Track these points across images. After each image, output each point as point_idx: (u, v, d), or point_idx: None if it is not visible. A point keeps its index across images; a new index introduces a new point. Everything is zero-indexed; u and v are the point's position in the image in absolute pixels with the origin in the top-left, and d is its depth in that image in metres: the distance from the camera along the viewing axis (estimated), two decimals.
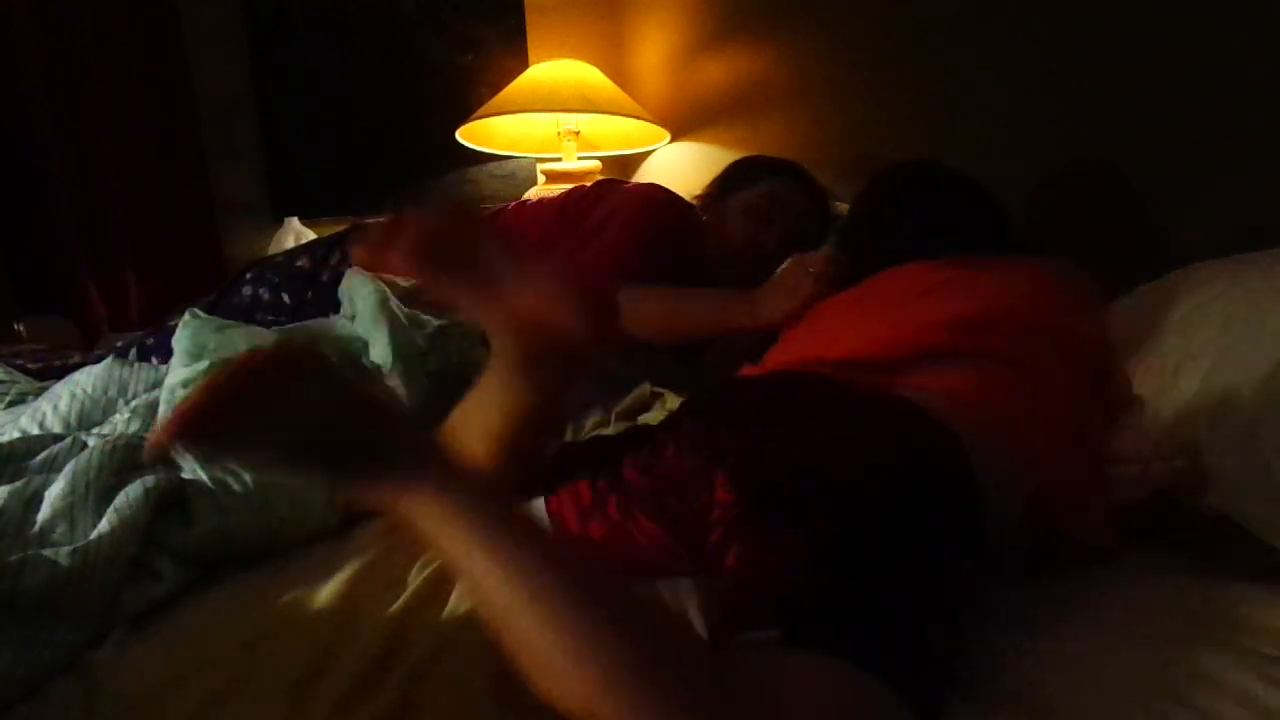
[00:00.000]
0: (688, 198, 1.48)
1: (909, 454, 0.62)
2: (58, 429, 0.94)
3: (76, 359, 1.33)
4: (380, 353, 1.02)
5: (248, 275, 1.41)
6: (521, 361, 0.64)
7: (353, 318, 1.12)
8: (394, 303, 1.09)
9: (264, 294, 1.35)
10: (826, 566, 0.54)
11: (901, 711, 0.48)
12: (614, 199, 1.41)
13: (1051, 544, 0.69)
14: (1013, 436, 0.70)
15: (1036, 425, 0.73)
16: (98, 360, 1.27)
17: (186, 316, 1.18)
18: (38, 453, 0.84)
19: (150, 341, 1.29)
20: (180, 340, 1.07)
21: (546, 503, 0.74)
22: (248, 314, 1.33)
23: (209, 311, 1.33)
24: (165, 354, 1.23)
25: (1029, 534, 0.68)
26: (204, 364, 0.93)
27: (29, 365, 1.28)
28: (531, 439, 0.73)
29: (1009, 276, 0.93)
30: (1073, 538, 0.68)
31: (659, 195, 1.43)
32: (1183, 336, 0.75)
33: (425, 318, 1.09)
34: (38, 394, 1.10)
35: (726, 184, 1.46)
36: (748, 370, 0.98)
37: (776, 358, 1.01)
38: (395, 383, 1.00)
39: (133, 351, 1.29)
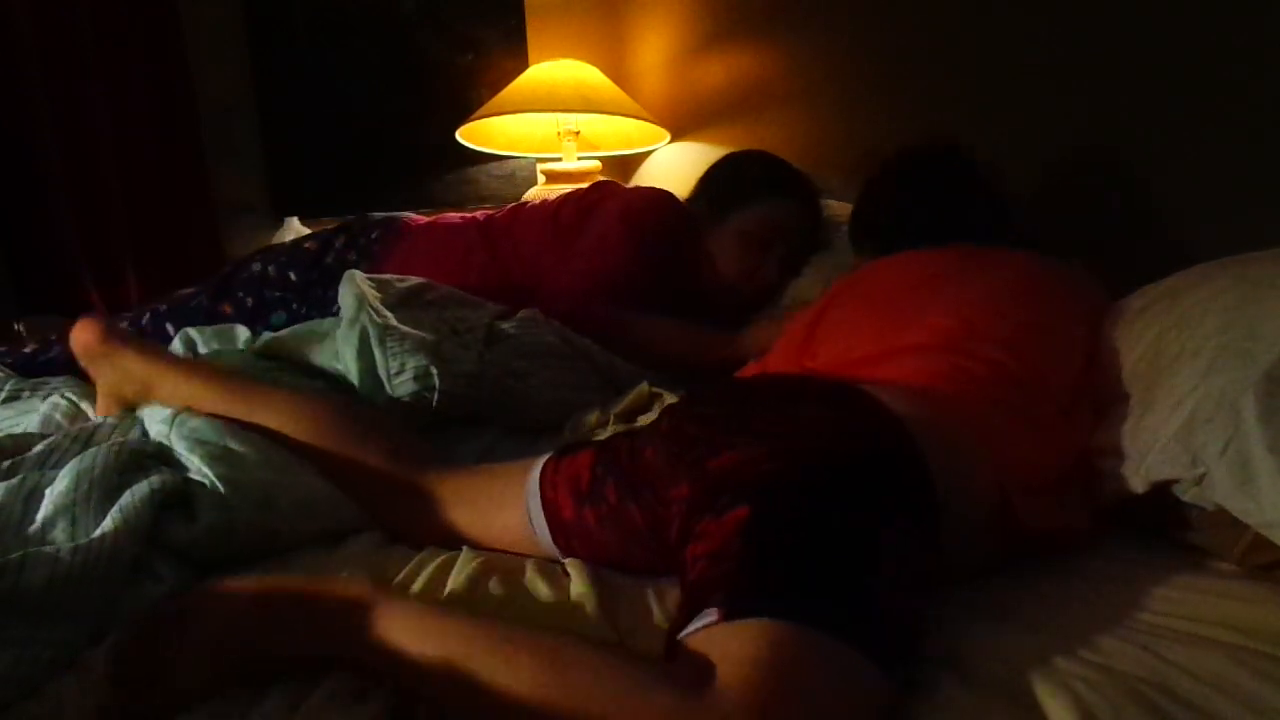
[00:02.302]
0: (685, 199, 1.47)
1: (851, 438, 0.63)
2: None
3: (57, 350, 1.31)
4: (349, 370, 1.02)
5: (255, 256, 1.43)
6: None
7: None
8: (368, 315, 1.04)
9: (271, 270, 1.37)
10: (764, 540, 0.55)
11: (856, 660, 0.49)
12: (608, 208, 1.40)
13: (1020, 533, 0.69)
14: (975, 426, 0.71)
15: (1007, 416, 0.73)
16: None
17: (178, 337, 1.19)
18: (27, 449, 0.84)
19: (163, 309, 1.32)
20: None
21: (542, 491, 0.75)
22: (257, 287, 1.35)
23: (217, 287, 1.35)
24: (179, 321, 1.28)
25: (1004, 523, 0.68)
26: None
27: (9, 359, 1.28)
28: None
29: (1007, 271, 0.93)
30: (1030, 529, 0.68)
31: (656, 198, 1.42)
32: (1182, 333, 0.74)
33: (408, 331, 1.03)
34: (33, 390, 1.10)
35: (719, 199, 1.42)
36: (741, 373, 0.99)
37: (770, 361, 1.02)
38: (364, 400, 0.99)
39: (146, 316, 1.32)
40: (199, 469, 0.77)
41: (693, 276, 1.40)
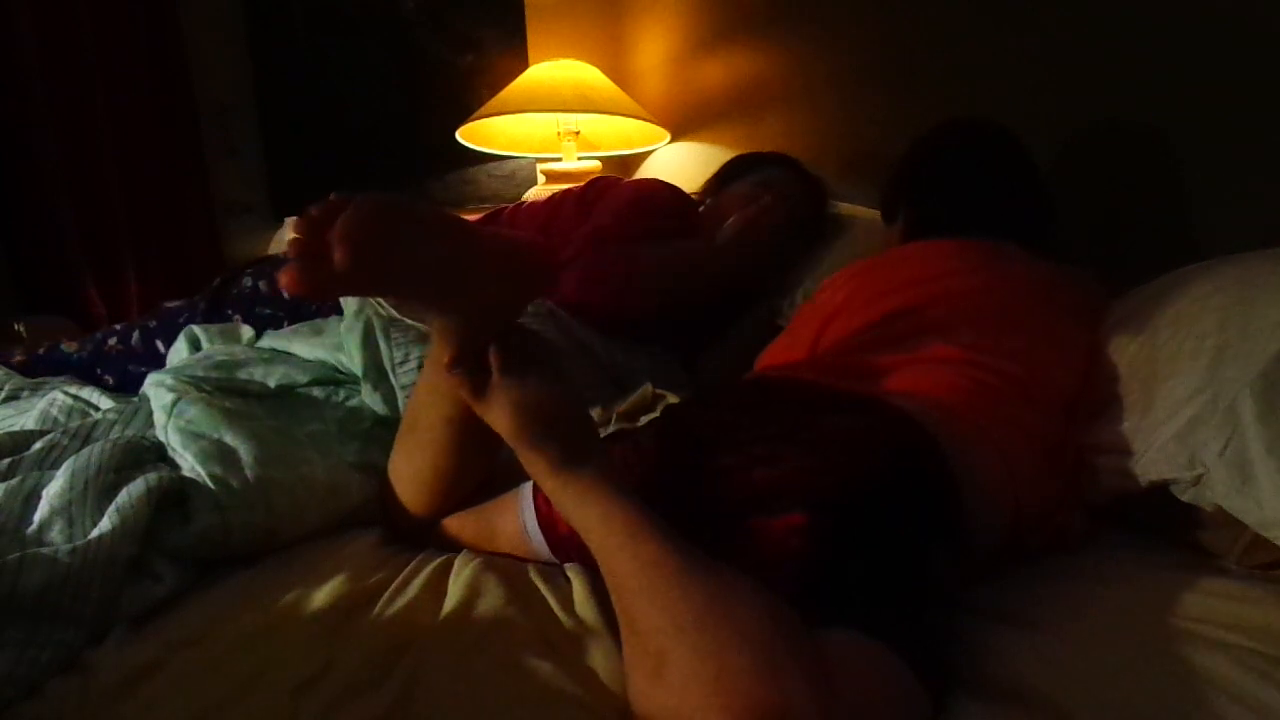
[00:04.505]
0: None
1: (890, 453, 0.63)
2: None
3: (63, 347, 1.31)
4: (353, 359, 1.02)
5: (248, 269, 1.41)
6: (462, 338, 0.64)
7: None
8: (372, 308, 1.04)
9: (263, 286, 1.35)
10: (818, 554, 0.55)
11: (918, 686, 0.49)
12: (619, 189, 1.43)
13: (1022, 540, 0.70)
14: (992, 442, 0.70)
15: (1019, 433, 0.73)
16: (76, 358, 1.27)
17: (183, 333, 1.19)
18: (26, 447, 0.84)
19: (153, 324, 1.29)
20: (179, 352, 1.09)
21: (536, 503, 0.74)
22: (248, 305, 1.33)
23: (211, 300, 1.34)
24: (169, 337, 1.25)
25: (1013, 535, 0.69)
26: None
27: (14, 360, 1.27)
28: (477, 449, 0.75)
29: (1028, 280, 0.92)
30: (1033, 541, 0.69)
31: (659, 183, 1.45)
32: (1178, 332, 0.75)
33: (412, 324, 1.04)
34: (33, 389, 1.10)
35: (722, 180, 1.47)
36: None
37: (778, 355, 1.01)
38: (366, 390, 0.99)
39: (135, 334, 1.29)
40: (192, 467, 0.76)
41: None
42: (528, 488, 0.75)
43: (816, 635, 0.49)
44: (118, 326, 1.35)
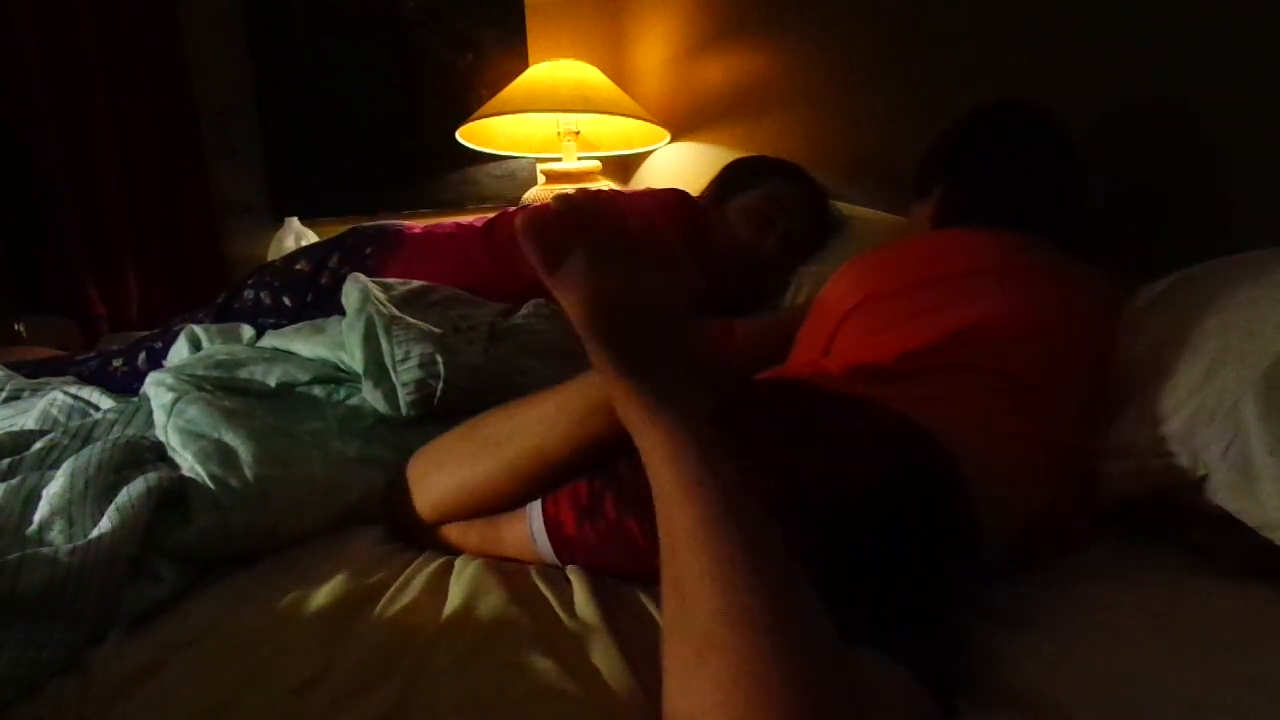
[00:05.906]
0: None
1: (902, 464, 0.62)
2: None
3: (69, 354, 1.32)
4: (354, 357, 1.02)
5: (249, 281, 1.41)
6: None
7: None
8: (374, 307, 1.04)
9: (265, 298, 1.35)
10: (831, 568, 0.54)
11: (928, 702, 0.48)
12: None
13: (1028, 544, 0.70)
14: (1004, 453, 0.70)
15: (1031, 444, 0.73)
16: (82, 366, 1.27)
17: (183, 333, 1.19)
18: (26, 447, 0.84)
19: (159, 346, 1.29)
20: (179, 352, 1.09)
21: (544, 506, 0.73)
22: (251, 318, 1.33)
23: (215, 317, 1.34)
24: None
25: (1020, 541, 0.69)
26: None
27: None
28: (544, 485, 0.73)
29: (1051, 281, 0.91)
30: (1038, 544, 0.69)
31: (672, 198, 1.41)
32: (1180, 333, 0.74)
33: (413, 322, 1.03)
34: (35, 390, 1.10)
35: (725, 187, 1.46)
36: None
37: (792, 357, 1.01)
38: (367, 388, 0.99)
39: (141, 355, 1.29)
40: (191, 466, 0.76)
41: (710, 264, 1.40)
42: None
43: (849, 654, 0.47)
44: (116, 348, 1.35)
